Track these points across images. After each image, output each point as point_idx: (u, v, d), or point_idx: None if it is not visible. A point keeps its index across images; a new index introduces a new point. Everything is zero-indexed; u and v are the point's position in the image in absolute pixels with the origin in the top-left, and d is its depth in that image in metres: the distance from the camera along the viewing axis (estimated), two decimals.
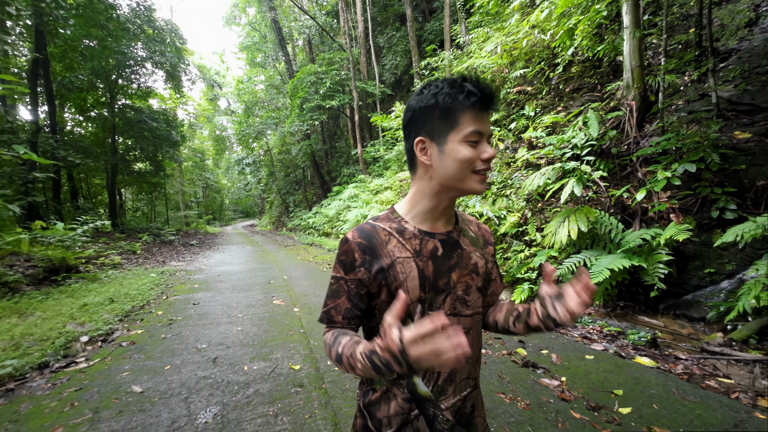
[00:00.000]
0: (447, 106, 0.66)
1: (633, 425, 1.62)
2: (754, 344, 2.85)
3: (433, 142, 0.68)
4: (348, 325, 0.72)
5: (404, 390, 0.71)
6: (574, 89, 5.96)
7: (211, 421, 1.83)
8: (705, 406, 1.75)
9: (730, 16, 5.55)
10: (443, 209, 0.74)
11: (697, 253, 3.89)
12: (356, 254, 0.70)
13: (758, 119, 4.24)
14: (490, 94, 0.66)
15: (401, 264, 0.69)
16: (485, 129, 0.67)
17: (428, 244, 0.72)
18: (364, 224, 0.75)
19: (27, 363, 2.51)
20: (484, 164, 0.67)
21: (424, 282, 0.70)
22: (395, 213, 0.77)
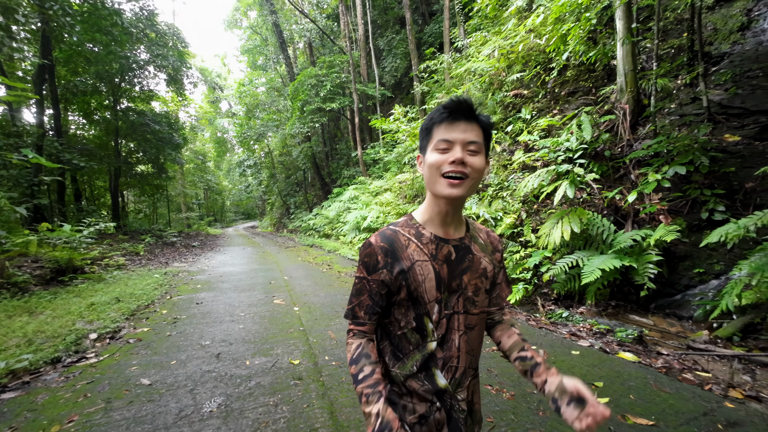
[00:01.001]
0: (427, 124, 0.78)
1: (612, 413, 1.75)
2: (738, 341, 2.96)
3: (423, 156, 0.80)
4: (368, 321, 0.79)
5: (424, 382, 0.77)
6: (569, 93, 6.09)
7: (216, 410, 1.97)
8: (679, 397, 1.87)
9: (723, 20, 5.67)
10: (451, 216, 0.80)
11: (688, 254, 4.01)
12: (379, 257, 0.77)
13: (748, 122, 4.35)
14: (458, 106, 0.73)
15: (420, 266, 0.76)
16: (455, 137, 0.73)
17: (443, 248, 0.79)
18: (386, 229, 0.82)
19: (41, 358, 2.66)
20: (449, 166, 0.72)
21: (440, 283, 0.77)
22: (413, 219, 0.84)
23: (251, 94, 19.79)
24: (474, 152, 0.74)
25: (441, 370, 0.77)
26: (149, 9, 12.63)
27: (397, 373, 0.79)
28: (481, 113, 0.77)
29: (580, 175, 4.52)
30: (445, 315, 0.77)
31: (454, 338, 0.78)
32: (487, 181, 6.36)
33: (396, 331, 0.80)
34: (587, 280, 3.70)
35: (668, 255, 4.09)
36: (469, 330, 0.80)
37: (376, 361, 0.77)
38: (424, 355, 0.77)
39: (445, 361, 0.77)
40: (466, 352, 0.79)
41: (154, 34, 13.09)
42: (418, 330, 0.77)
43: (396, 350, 0.80)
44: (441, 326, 0.77)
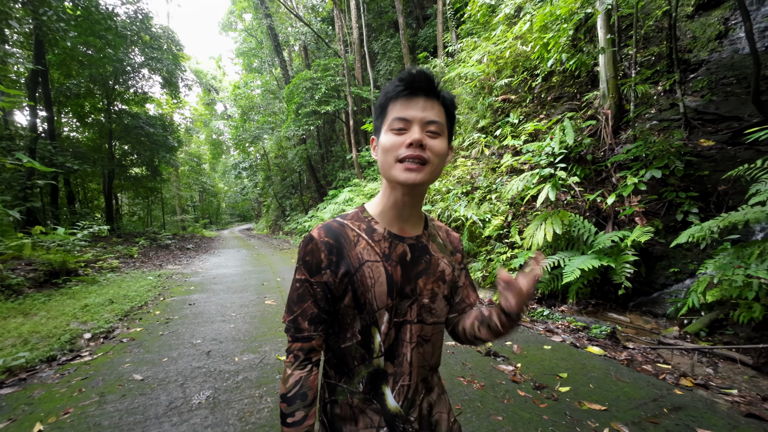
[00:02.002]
0: (381, 101, 0.67)
1: (567, 400, 1.91)
2: (704, 336, 3.14)
3: (377, 139, 0.69)
4: (315, 332, 0.67)
5: (373, 402, 0.68)
6: (555, 98, 6.30)
7: (204, 402, 2.11)
8: (634, 385, 2.04)
9: (701, 28, 5.91)
10: (409, 209, 0.71)
11: (664, 254, 4.19)
12: (322, 254, 0.66)
13: (721, 128, 4.57)
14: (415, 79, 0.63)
15: (370, 268, 0.66)
16: (412, 115, 0.63)
17: (398, 248, 0.70)
18: (332, 222, 0.71)
19: (36, 356, 2.78)
20: (406, 150, 0.62)
21: (392, 288, 0.67)
22: (365, 212, 0.74)
23: (246, 96, 19.93)
24: (434, 134, 0.64)
25: (392, 390, 0.68)
26: (143, 12, 12.77)
27: (344, 388, 0.69)
28: (443, 89, 0.67)
29: (563, 178, 4.71)
30: (395, 324, 0.68)
31: (404, 351, 0.68)
32: (477, 184, 6.54)
33: (339, 344, 0.69)
34: (567, 280, 3.87)
35: (646, 255, 4.27)
36: (424, 342, 0.70)
37: (312, 400, 0.67)
38: (371, 372, 0.68)
39: (395, 378, 0.68)
40: (418, 366, 0.70)
41: (148, 37, 13.21)
42: (363, 343, 0.67)
43: (341, 364, 0.70)
44: (389, 338, 0.67)
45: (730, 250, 3.00)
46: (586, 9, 4.49)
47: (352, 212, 0.74)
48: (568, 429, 1.67)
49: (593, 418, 1.75)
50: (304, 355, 0.67)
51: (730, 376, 2.51)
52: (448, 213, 6.25)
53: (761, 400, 1.85)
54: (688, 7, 6.22)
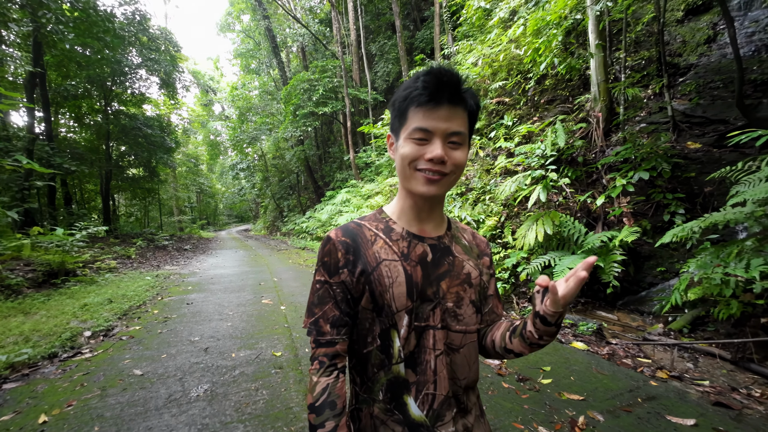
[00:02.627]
0: (401, 101, 0.64)
1: (548, 391, 2.02)
2: (686, 332, 3.26)
3: (395, 140, 0.68)
4: (338, 336, 0.65)
5: (395, 413, 0.65)
6: (548, 101, 6.44)
7: (202, 395, 2.21)
8: (612, 377, 2.15)
9: (691, 33, 6.07)
10: (427, 212, 0.70)
11: (652, 254, 4.32)
12: (339, 254, 0.66)
13: (708, 131, 4.71)
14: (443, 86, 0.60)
15: (387, 267, 0.65)
16: (434, 126, 0.61)
17: (417, 247, 0.68)
18: (350, 223, 0.71)
19: (38, 353, 2.87)
20: (426, 163, 0.62)
21: (411, 289, 0.64)
22: (383, 213, 0.74)
23: (244, 97, 20.03)
24: (456, 145, 0.63)
25: (415, 399, 0.65)
26: (141, 13, 12.85)
27: (366, 397, 0.68)
28: (467, 90, 0.64)
29: (554, 180, 4.83)
30: (415, 328, 0.65)
31: (428, 359, 0.65)
32: (471, 185, 6.67)
33: (361, 350, 0.68)
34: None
35: (634, 255, 4.39)
36: (452, 351, 0.67)
37: (342, 408, 0.64)
38: (391, 380, 0.65)
39: (418, 387, 0.65)
40: (448, 377, 0.66)
41: (146, 38, 13.29)
42: (382, 348, 0.65)
43: (363, 371, 0.68)
44: (409, 343, 0.64)
45: (710, 249, 3.13)
46: (575, 15, 4.62)
47: (370, 214, 0.74)
48: (546, 417, 1.78)
49: (571, 407, 1.86)
50: (329, 361, 0.65)
51: (709, 370, 2.63)
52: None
53: (730, 390, 1.97)
54: (678, 12, 6.38)
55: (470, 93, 0.64)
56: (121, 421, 1.94)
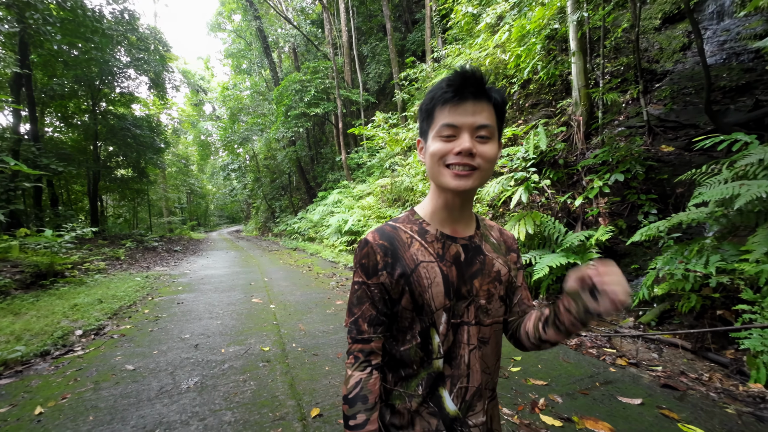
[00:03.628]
0: (428, 104, 0.67)
1: (516, 378, 2.21)
2: (654, 325, 3.49)
3: (424, 142, 0.71)
4: (374, 334, 0.69)
5: (430, 405, 0.69)
6: (532, 104, 6.68)
7: (192, 386, 2.34)
8: (576, 365, 2.35)
9: (667, 40, 6.37)
10: (459, 211, 0.72)
11: (627, 252, 4.56)
12: (378, 257, 0.68)
13: (680, 135, 4.98)
14: (465, 82, 0.62)
15: (425, 269, 0.68)
16: (461, 121, 0.63)
17: (451, 248, 0.71)
18: (385, 225, 0.74)
19: (30, 351, 2.96)
20: (455, 157, 0.63)
21: (449, 288, 0.68)
22: (416, 215, 0.76)
23: (235, 98, 20.02)
24: (485, 138, 0.64)
25: (449, 392, 0.69)
26: (130, 12, 12.80)
27: (401, 392, 0.71)
28: (492, 87, 0.66)
29: (535, 181, 5.06)
30: (452, 325, 0.69)
31: (463, 353, 0.69)
32: None
33: (399, 347, 0.71)
34: (537, 276, 4.20)
35: (611, 253, 4.63)
36: (483, 344, 0.71)
37: (374, 404, 0.67)
38: (430, 374, 0.69)
39: (453, 380, 0.69)
40: (480, 370, 0.71)
41: (135, 37, 13.24)
42: (422, 345, 0.69)
43: (399, 367, 0.72)
44: (448, 339, 0.69)
45: (674, 247, 3.36)
46: (554, 24, 4.85)
47: (403, 215, 0.77)
48: (511, 400, 1.96)
49: (535, 391, 2.04)
50: (364, 357, 0.69)
51: (671, 359, 2.84)
52: None
53: (679, 374, 2.18)
54: (656, 20, 6.69)
55: (495, 89, 0.67)
56: (115, 411, 2.06)
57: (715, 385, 2.03)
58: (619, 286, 0.56)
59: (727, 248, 3.08)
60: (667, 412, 1.76)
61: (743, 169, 3.26)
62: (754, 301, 2.61)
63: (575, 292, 0.62)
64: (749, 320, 2.56)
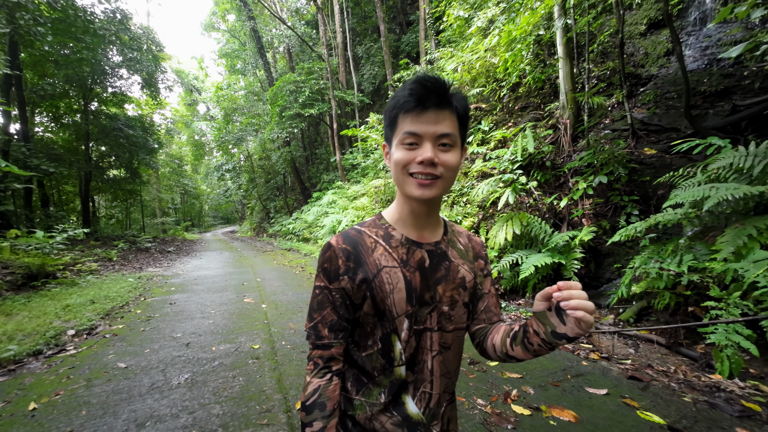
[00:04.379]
0: (391, 110, 0.67)
1: (493, 372, 2.33)
2: (632, 322, 3.64)
3: (389, 147, 0.71)
4: (335, 340, 0.69)
5: (393, 414, 0.69)
6: (521, 107, 6.84)
7: (183, 382, 2.43)
8: (551, 359, 2.48)
9: (652, 45, 6.56)
10: (425, 217, 0.72)
11: (610, 252, 4.71)
12: (340, 261, 0.68)
13: (662, 138, 5.15)
14: (428, 91, 0.63)
15: (387, 274, 0.68)
16: (423, 130, 0.63)
17: (415, 254, 0.71)
18: (350, 230, 0.73)
19: (23, 350, 3.02)
20: (417, 167, 0.64)
21: (411, 294, 0.68)
22: (382, 219, 0.75)
23: (230, 98, 20.02)
24: (447, 146, 0.65)
25: (413, 398, 0.69)
26: (122, 11, 12.77)
27: (362, 402, 0.70)
28: (456, 94, 0.67)
29: (522, 183, 5.20)
30: (415, 332, 0.69)
31: (425, 359, 0.70)
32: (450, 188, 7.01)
33: (360, 353, 0.71)
34: (523, 276, 4.34)
35: (596, 253, 4.78)
36: (444, 350, 0.72)
37: (332, 411, 0.67)
38: (393, 382, 0.69)
39: (416, 386, 0.70)
40: (441, 375, 0.71)
41: (127, 37, 13.22)
42: (383, 352, 0.69)
43: (360, 375, 0.71)
44: (410, 346, 0.69)
45: (650, 247, 3.51)
46: (539, 31, 5.00)
47: (370, 220, 0.76)
48: (486, 392, 2.08)
49: (509, 383, 2.17)
50: (324, 363, 0.68)
51: (647, 354, 2.99)
52: None
53: (646, 367, 2.31)
54: (641, 26, 6.88)
55: (458, 97, 0.67)
56: (107, 406, 2.15)
57: (678, 377, 2.17)
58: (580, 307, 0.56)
59: (700, 248, 3.24)
60: (629, 401, 1.89)
61: (715, 172, 3.43)
62: (721, 298, 2.76)
63: (542, 313, 0.63)
64: (716, 316, 2.71)
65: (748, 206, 3.07)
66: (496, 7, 7.06)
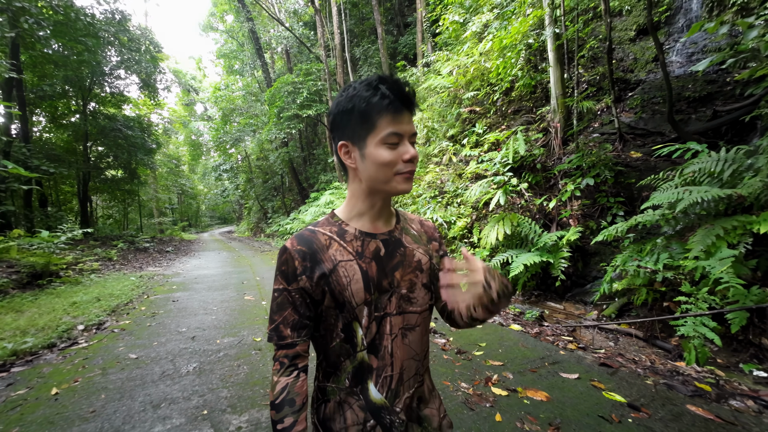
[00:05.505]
0: (363, 109, 0.68)
1: (478, 360, 2.56)
2: (614, 318, 3.88)
3: (355, 146, 0.71)
4: (298, 338, 0.71)
5: (359, 397, 0.72)
6: (514, 111, 7.08)
7: (192, 371, 2.65)
8: (532, 349, 2.71)
9: (641, 51, 6.82)
10: (379, 209, 0.76)
11: (597, 251, 4.95)
12: (296, 262, 0.70)
13: (648, 142, 5.40)
14: (406, 95, 0.68)
15: (344, 267, 0.71)
16: (404, 129, 0.68)
17: (370, 244, 0.74)
18: (303, 231, 0.76)
19: (38, 343, 3.23)
20: (405, 165, 0.68)
21: (368, 283, 0.71)
22: (335, 217, 0.78)
23: (228, 98, 20.20)
24: (413, 144, 0.71)
25: (375, 383, 0.72)
26: (121, 12, 12.93)
27: (333, 387, 0.75)
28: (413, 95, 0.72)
29: (513, 185, 5.44)
30: (375, 318, 0.72)
31: (386, 344, 0.73)
32: (445, 189, 7.24)
33: (328, 344, 0.75)
34: (513, 274, 4.57)
35: (583, 252, 5.02)
36: (408, 331, 0.75)
37: (301, 405, 0.71)
38: (356, 367, 0.73)
39: (378, 371, 0.73)
40: (405, 358, 0.74)
41: (126, 38, 13.39)
42: (347, 339, 0.72)
43: (329, 364, 0.76)
44: (370, 331, 0.72)
45: (630, 246, 3.76)
46: (527, 40, 5.24)
47: (323, 219, 0.80)
48: (470, 377, 2.30)
49: (491, 369, 2.40)
50: (289, 362, 0.72)
51: (625, 346, 3.22)
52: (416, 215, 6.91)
53: (617, 356, 2.55)
54: (631, 32, 7.14)
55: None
56: (124, 391, 2.37)
57: (645, 364, 2.41)
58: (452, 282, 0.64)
59: (675, 247, 3.49)
60: (597, 383, 2.12)
61: (691, 176, 3.68)
62: (691, 293, 3.01)
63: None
64: (686, 310, 2.95)
65: (719, 208, 3.32)
66: (489, 13, 7.31)
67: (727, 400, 1.81)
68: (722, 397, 1.84)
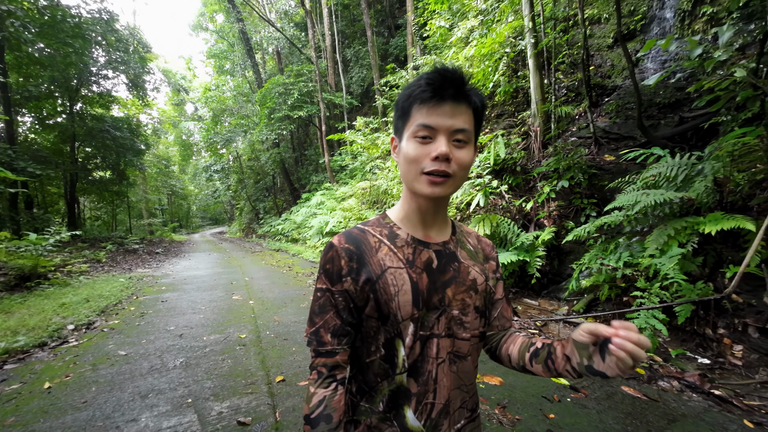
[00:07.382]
0: (404, 101, 0.65)
1: None
2: (582, 312, 4.16)
3: (399, 142, 0.68)
4: (339, 346, 0.66)
5: (393, 423, 0.66)
6: (497, 115, 7.36)
7: (179, 365, 2.84)
8: None
9: (618, 58, 7.15)
10: (432, 216, 0.70)
11: (572, 250, 5.23)
12: (342, 261, 0.66)
13: (620, 146, 5.70)
14: (444, 81, 0.61)
15: (392, 275, 0.65)
16: (439, 123, 0.61)
17: (422, 254, 0.69)
18: (353, 228, 0.71)
19: (29, 342, 3.38)
20: (432, 164, 0.61)
21: (417, 297, 0.65)
22: (387, 218, 0.74)
23: (218, 99, 20.23)
24: (461, 143, 0.63)
25: (414, 410, 0.66)
26: (108, 12, 12.91)
27: (367, 407, 0.68)
28: (473, 88, 0.65)
29: (494, 187, 5.70)
30: (420, 337, 0.66)
31: (430, 369, 0.66)
32: None
33: (364, 358, 0.69)
34: None
35: (559, 251, 5.30)
36: (459, 359, 0.69)
37: (338, 423, 0.65)
38: (393, 390, 0.66)
39: (418, 398, 0.66)
40: (452, 387, 0.68)
41: (113, 38, 13.39)
42: (387, 358, 0.66)
43: (364, 381, 0.69)
44: (414, 352, 0.66)
45: (596, 246, 4.03)
46: (503, 50, 5.51)
47: (374, 218, 0.74)
48: None
49: None
50: (328, 372, 0.66)
51: None
52: None
53: None
54: (609, 39, 7.47)
55: (475, 91, 0.65)
56: (113, 384, 2.55)
57: None
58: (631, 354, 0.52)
59: (636, 246, 3.77)
60: None
61: (652, 179, 3.97)
62: (645, 289, 3.28)
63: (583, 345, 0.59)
64: (640, 304, 3.23)
65: (673, 210, 3.61)
66: (474, 19, 7.57)
67: (657, 381, 2.06)
68: (653, 379, 2.09)
